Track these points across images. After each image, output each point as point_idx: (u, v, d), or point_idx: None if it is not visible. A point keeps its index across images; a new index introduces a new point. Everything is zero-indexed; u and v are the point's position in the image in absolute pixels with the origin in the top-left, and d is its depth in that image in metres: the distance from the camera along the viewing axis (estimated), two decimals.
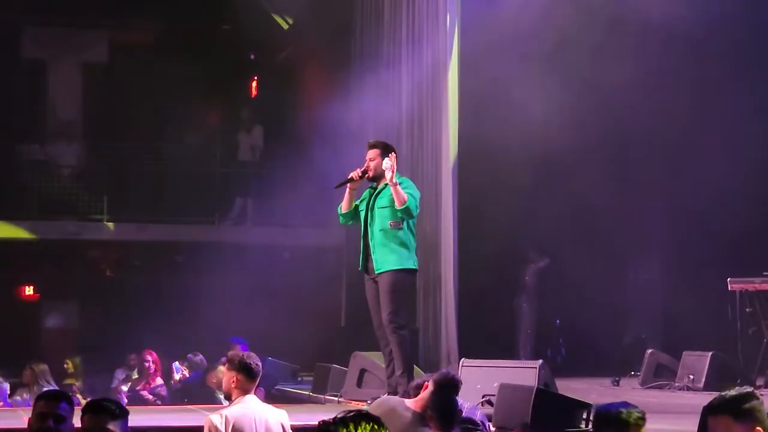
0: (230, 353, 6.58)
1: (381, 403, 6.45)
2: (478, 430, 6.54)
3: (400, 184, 8.56)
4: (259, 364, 6.35)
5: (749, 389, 3.94)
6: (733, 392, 3.88)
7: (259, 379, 6.33)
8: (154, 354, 12.96)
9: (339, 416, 2.62)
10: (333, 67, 15.39)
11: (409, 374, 8.50)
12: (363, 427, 2.56)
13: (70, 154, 17.20)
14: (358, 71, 14.13)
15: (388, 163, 8.56)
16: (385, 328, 8.52)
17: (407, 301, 8.84)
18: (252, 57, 18.92)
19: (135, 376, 13.29)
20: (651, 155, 14.83)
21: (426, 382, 6.15)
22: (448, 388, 5.98)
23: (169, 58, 17.61)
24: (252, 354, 6.46)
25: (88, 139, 17.54)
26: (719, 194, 13.14)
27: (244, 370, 6.22)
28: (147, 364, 12.80)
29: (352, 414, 2.63)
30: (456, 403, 5.90)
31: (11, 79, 17.04)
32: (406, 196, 8.48)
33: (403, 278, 8.61)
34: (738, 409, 3.78)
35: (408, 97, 13.11)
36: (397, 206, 8.47)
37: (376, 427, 2.57)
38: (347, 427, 2.56)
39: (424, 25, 12.85)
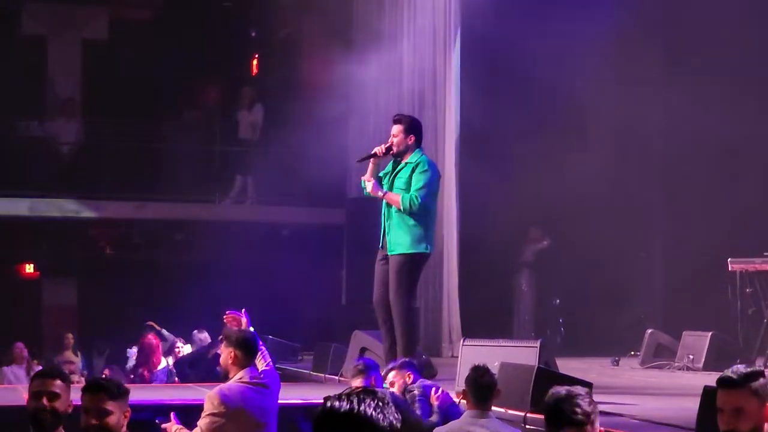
0: (226, 330, 6.52)
1: None
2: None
3: (417, 168, 8.53)
4: (257, 340, 6.30)
5: (758, 367, 4.05)
6: (743, 368, 3.97)
7: (257, 355, 6.28)
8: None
9: (345, 392, 2.59)
10: (334, 45, 15.33)
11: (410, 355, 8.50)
12: (368, 403, 2.54)
13: (69, 131, 17.15)
14: (360, 49, 14.09)
15: (369, 186, 8.55)
16: (391, 307, 8.53)
17: (415, 283, 8.85)
18: (253, 34, 18.84)
19: None
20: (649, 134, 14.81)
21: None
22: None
23: (169, 35, 17.55)
24: (249, 330, 6.41)
25: (88, 116, 17.48)
26: (719, 173, 13.15)
27: (242, 346, 6.15)
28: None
29: (357, 390, 2.61)
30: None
31: (11, 56, 16.97)
32: (398, 199, 8.44)
33: (414, 262, 8.59)
34: (756, 383, 3.89)
35: (409, 74, 13.08)
36: (401, 210, 8.45)
37: (380, 403, 2.55)
38: (352, 402, 2.54)
39: (426, 2, 12.82)
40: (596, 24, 13.12)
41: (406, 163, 8.62)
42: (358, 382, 6.65)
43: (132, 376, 13.05)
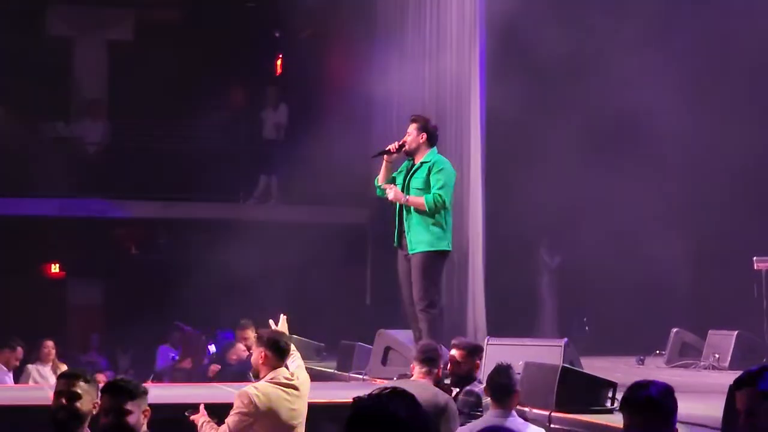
0: (260, 330, 6.55)
1: None
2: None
3: (433, 168, 8.57)
4: (289, 342, 6.31)
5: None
6: (755, 367, 3.97)
7: (288, 357, 6.28)
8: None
9: (374, 392, 2.58)
10: (357, 44, 15.34)
11: None
12: (398, 403, 2.53)
13: (95, 132, 17.24)
14: (383, 48, 14.09)
15: (391, 194, 8.60)
16: (415, 306, 8.57)
17: (439, 281, 8.91)
18: (277, 35, 18.87)
19: None
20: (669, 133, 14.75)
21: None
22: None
23: (194, 35, 17.61)
24: (282, 332, 6.41)
25: (114, 116, 17.58)
26: (743, 171, 13.07)
27: (273, 347, 6.15)
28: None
29: (387, 391, 2.60)
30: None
31: (37, 57, 17.06)
32: (421, 201, 8.55)
33: (436, 260, 8.67)
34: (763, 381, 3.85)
35: (433, 72, 13.05)
36: (426, 211, 8.52)
37: (411, 403, 2.55)
38: (382, 402, 2.53)
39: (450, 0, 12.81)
40: (622, 25, 13.10)
41: (422, 163, 8.67)
42: (424, 371, 6.57)
43: (172, 370, 13.07)
